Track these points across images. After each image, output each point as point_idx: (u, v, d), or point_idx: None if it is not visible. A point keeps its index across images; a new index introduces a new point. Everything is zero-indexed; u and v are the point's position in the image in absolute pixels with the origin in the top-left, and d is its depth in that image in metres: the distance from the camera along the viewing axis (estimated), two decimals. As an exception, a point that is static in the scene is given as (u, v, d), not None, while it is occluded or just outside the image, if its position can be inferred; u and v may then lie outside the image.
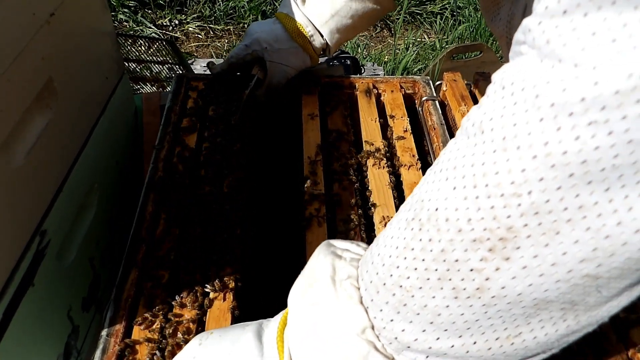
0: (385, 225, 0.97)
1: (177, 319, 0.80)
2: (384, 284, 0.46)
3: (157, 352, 0.76)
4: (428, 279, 0.43)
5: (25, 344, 0.88)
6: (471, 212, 0.39)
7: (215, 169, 1.05)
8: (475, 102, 1.26)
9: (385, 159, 1.10)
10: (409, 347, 0.46)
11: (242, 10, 3.75)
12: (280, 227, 1.10)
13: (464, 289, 0.41)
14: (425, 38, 3.75)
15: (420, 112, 1.27)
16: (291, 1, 1.20)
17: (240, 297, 0.87)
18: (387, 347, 0.48)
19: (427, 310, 0.44)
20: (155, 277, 0.86)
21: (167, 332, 0.79)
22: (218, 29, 3.73)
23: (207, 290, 0.84)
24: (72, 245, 1.03)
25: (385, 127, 1.20)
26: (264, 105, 1.24)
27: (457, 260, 0.41)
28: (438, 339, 0.44)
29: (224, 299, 0.84)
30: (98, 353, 0.76)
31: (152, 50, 2.00)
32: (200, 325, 0.80)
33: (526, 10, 0.92)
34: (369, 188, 1.05)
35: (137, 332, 0.79)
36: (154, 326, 0.79)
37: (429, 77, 1.35)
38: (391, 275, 0.46)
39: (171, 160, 1.06)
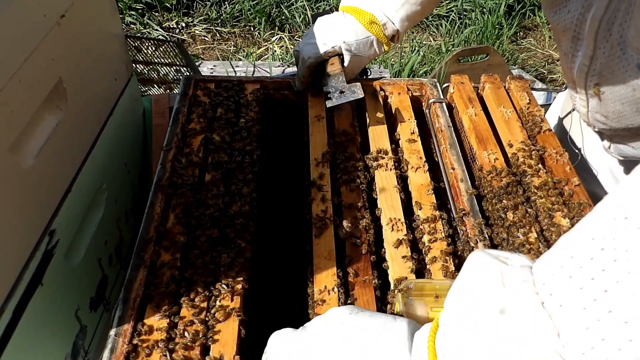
0: (392, 228, 0.97)
1: (184, 320, 0.80)
2: (581, 289, 0.43)
3: (166, 353, 0.76)
4: None
5: (34, 343, 0.88)
6: None
7: (222, 170, 1.05)
8: (483, 104, 1.25)
9: (392, 161, 1.10)
10: (608, 358, 0.41)
11: (248, 13, 3.77)
12: (285, 228, 1.10)
13: None
14: (431, 41, 3.75)
15: (428, 115, 1.27)
16: None
17: (247, 298, 0.87)
18: (576, 357, 0.43)
19: None
20: (163, 278, 0.87)
21: (175, 333, 0.79)
22: (224, 32, 3.75)
23: (214, 291, 0.85)
24: (81, 245, 1.04)
25: (392, 130, 1.20)
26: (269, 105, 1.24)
27: None
28: None
29: (232, 300, 0.84)
30: (106, 353, 0.76)
31: (159, 52, 2.01)
32: (207, 326, 0.80)
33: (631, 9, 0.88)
34: (376, 190, 1.05)
35: (145, 332, 0.79)
36: (161, 326, 0.80)
37: (436, 80, 1.35)
38: (592, 279, 0.42)
39: (179, 162, 1.06)
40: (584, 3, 0.96)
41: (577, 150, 1.29)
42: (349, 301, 0.87)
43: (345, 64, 1.21)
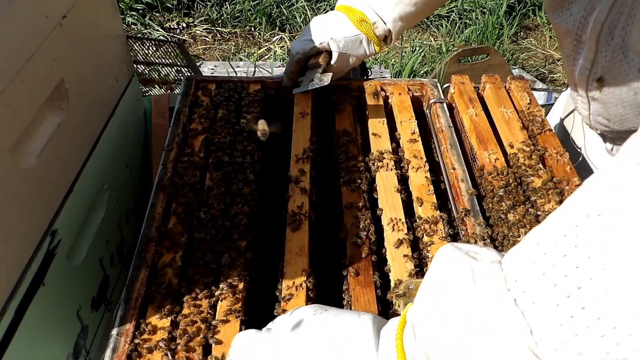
0: (393, 228, 0.97)
1: (186, 320, 0.81)
2: (555, 285, 0.43)
3: (167, 352, 0.76)
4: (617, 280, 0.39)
5: (36, 343, 0.89)
6: None
7: (223, 170, 1.05)
8: (483, 104, 1.26)
9: (393, 161, 1.10)
10: (581, 353, 0.42)
11: (248, 13, 3.77)
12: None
13: None
14: (431, 41, 3.75)
15: (428, 115, 1.27)
16: None
17: (248, 298, 0.87)
18: (549, 353, 0.44)
19: (613, 314, 0.40)
20: (164, 278, 0.87)
21: (176, 333, 0.79)
22: (225, 32, 3.75)
23: (216, 291, 0.85)
24: (82, 245, 1.04)
25: (393, 130, 1.20)
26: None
27: None
28: (619, 344, 0.40)
29: (233, 300, 0.84)
30: (108, 352, 0.77)
31: (160, 52, 2.01)
32: (208, 326, 0.81)
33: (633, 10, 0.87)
34: (377, 190, 1.05)
35: (147, 332, 0.79)
36: (163, 326, 0.80)
37: (436, 80, 1.35)
38: (566, 275, 0.42)
39: (181, 162, 1.07)
40: (586, 6, 0.96)
41: (578, 150, 1.29)
42: (344, 302, 0.87)
43: (333, 61, 1.21)
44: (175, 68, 2.05)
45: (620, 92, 0.97)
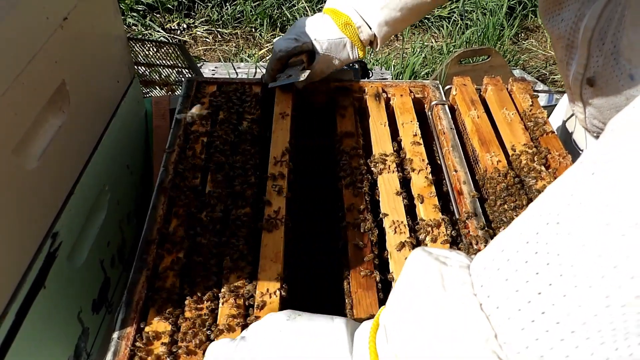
0: (395, 230, 0.97)
1: (187, 323, 0.80)
2: (517, 291, 0.45)
3: (168, 355, 0.76)
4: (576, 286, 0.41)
5: (37, 345, 0.88)
6: None
7: (225, 172, 1.05)
8: (485, 106, 1.25)
9: (395, 163, 1.10)
10: (542, 356, 0.44)
11: (249, 14, 3.77)
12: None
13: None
14: (432, 42, 3.75)
15: (430, 117, 1.27)
16: None
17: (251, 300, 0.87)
18: (512, 356, 0.46)
19: (571, 318, 0.42)
20: (166, 280, 0.86)
21: (178, 336, 0.79)
22: (226, 33, 3.75)
23: (217, 294, 0.85)
24: (83, 247, 1.04)
25: (394, 132, 1.20)
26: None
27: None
28: (577, 347, 0.42)
29: (235, 303, 0.83)
30: (109, 355, 0.76)
31: (161, 53, 2.01)
32: (210, 330, 0.80)
33: (624, 18, 0.87)
34: (379, 193, 1.05)
35: (148, 335, 0.79)
36: (164, 330, 0.80)
37: (438, 81, 1.35)
38: (527, 281, 0.44)
39: (182, 163, 1.06)
40: (577, 12, 0.96)
41: (580, 152, 1.29)
42: (346, 304, 0.87)
43: (315, 62, 1.21)
44: (176, 69, 2.05)
45: (613, 98, 0.97)
